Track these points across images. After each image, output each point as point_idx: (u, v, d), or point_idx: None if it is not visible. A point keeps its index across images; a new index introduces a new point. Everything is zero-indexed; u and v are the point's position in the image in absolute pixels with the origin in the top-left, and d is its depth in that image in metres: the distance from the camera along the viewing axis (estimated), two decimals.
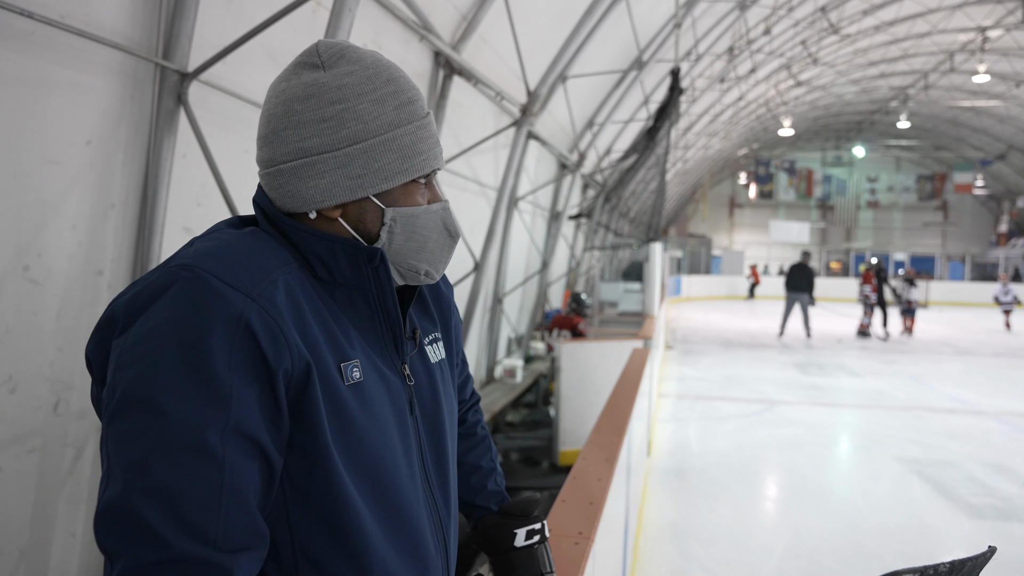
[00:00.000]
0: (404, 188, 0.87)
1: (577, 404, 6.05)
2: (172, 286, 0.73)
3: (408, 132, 0.86)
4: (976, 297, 24.30)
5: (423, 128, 0.88)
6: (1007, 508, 4.72)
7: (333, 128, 0.83)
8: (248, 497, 0.72)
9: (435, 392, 0.97)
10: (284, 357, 0.75)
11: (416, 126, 0.87)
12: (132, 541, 0.66)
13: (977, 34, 18.42)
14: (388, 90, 0.86)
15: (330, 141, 0.83)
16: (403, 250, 0.88)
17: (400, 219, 0.87)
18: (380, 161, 0.85)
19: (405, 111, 0.86)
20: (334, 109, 0.83)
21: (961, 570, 0.75)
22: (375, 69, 0.86)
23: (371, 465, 0.83)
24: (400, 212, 0.87)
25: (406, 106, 0.86)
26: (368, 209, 0.86)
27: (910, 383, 9.41)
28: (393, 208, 0.86)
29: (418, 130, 0.87)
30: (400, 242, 0.87)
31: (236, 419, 0.71)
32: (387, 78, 0.87)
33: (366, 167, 0.84)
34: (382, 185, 0.85)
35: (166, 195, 2.67)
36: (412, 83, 0.90)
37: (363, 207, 0.86)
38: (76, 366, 2.49)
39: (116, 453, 0.70)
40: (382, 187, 0.85)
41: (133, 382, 0.70)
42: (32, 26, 2.12)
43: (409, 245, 0.88)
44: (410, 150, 0.86)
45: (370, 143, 0.84)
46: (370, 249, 0.85)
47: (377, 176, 0.85)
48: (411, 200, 0.88)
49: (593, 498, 1.83)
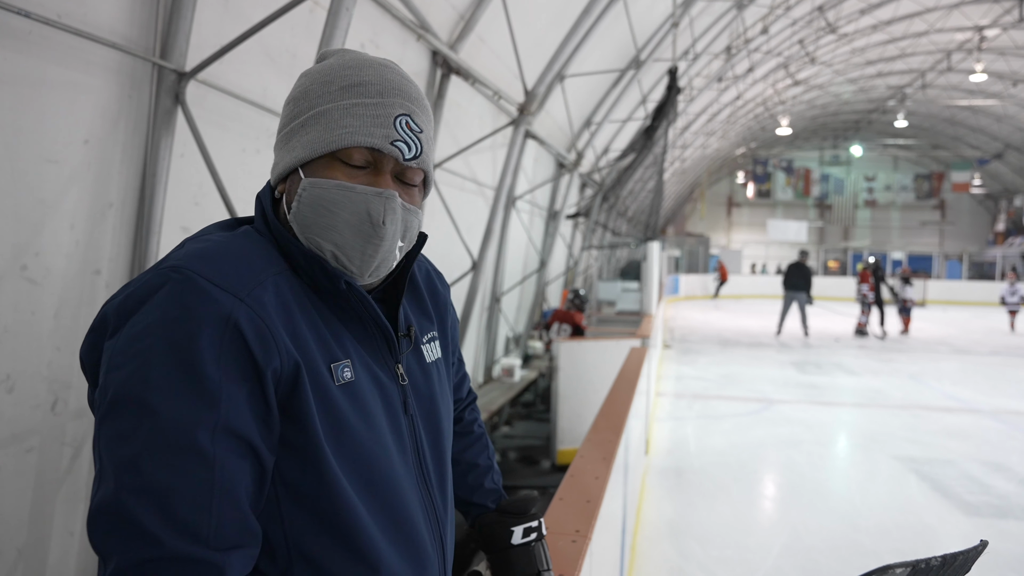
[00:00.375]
0: (328, 162, 0.83)
1: (575, 403, 6.06)
2: (162, 288, 0.74)
3: (341, 107, 0.83)
4: (974, 296, 24.36)
5: (362, 107, 0.83)
6: (1004, 506, 4.73)
7: (289, 108, 0.88)
8: (239, 495, 0.72)
9: (431, 391, 0.97)
10: (273, 357, 0.75)
11: (353, 103, 0.83)
12: (124, 540, 0.67)
13: (974, 33, 18.45)
14: (343, 73, 0.86)
15: (285, 121, 0.88)
16: (309, 224, 0.83)
17: (309, 188, 0.83)
18: (309, 134, 0.84)
19: (350, 91, 0.84)
20: (294, 92, 0.88)
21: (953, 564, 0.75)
22: (348, 60, 0.87)
23: (364, 463, 0.83)
24: (310, 181, 0.83)
25: (353, 87, 0.84)
26: (295, 181, 0.85)
27: (908, 382, 9.43)
28: (309, 178, 0.83)
29: (354, 107, 0.83)
30: (306, 213, 0.83)
31: (226, 418, 0.72)
32: (352, 65, 0.86)
33: (298, 140, 0.85)
34: (302, 155, 0.84)
35: (164, 194, 2.67)
36: (383, 75, 0.86)
37: (294, 180, 0.85)
38: (74, 365, 2.50)
39: (108, 453, 0.70)
40: (303, 156, 0.84)
41: (124, 383, 0.71)
42: (29, 25, 2.12)
43: (316, 220, 0.83)
44: (335, 123, 0.83)
45: (305, 117, 0.85)
46: (335, 272, 0.83)
47: (302, 147, 0.84)
48: (329, 175, 0.83)
49: (590, 496, 1.84)
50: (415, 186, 0.89)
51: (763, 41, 14.97)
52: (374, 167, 0.84)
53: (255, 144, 3.24)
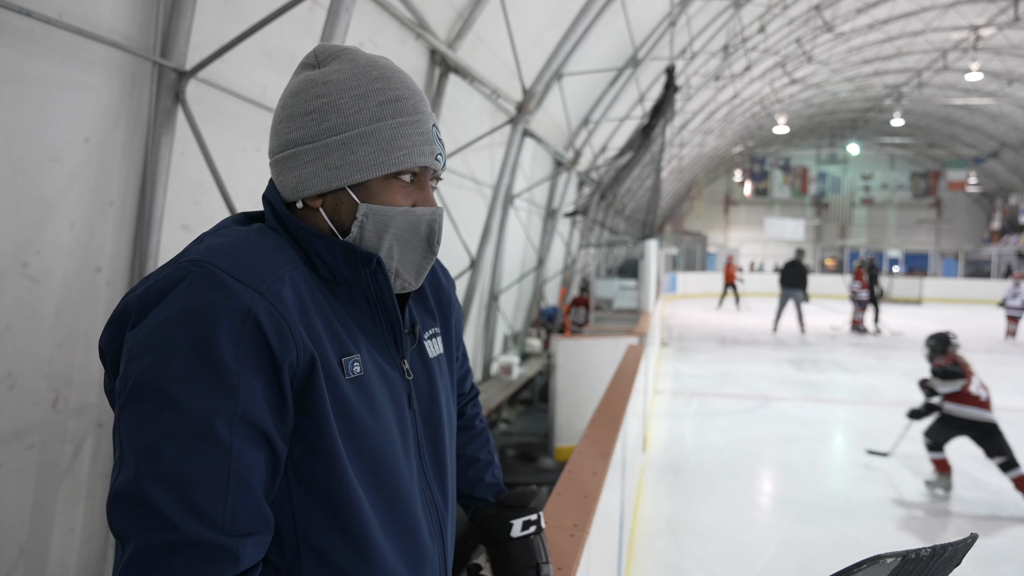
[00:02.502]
0: (383, 184, 0.86)
1: (573, 400, 6.08)
2: (183, 280, 0.76)
3: (389, 127, 0.86)
4: (969, 294, 24.41)
5: (408, 125, 0.87)
6: (998, 502, 4.77)
7: (315, 120, 0.86)
8: (254, 484, 0.74)
9: (433, 387, 0.98)
10: (290, 350, 0.77)
11: (400, 122, 0.86)
12: (143, 524, 0.69)
13: (970, 32, 18.49)
14: (373, 87, 0.87)
15: (311, 133, 0.86)
16: (373, 248, 0.87)
17: (372, 215, 0.86)
18: (356, 153, 0.85)
19: (390, 107, 0.86)
20: (318, 103, 0.86)
21: (942, 555, 0.77)
22: (365, 67, 0.88)
23: (370, 457, 0.85)
24: (373, 209, 0.86)
25: (392, 103, 0.86)
26: (344, 201, 0.87)
27: (903, 379, 9.46)
28: (367, 204, 0.86)
29: (401, 126, 0.86)
30: (371, 239, 0.87)
31: (244, 408, 0.74)
32: (376, 76, 0.88)
33: (343, 159, 0.86)
34: (356, 176, 0.85)
35: (164, 192, 2.68)
36: (408, 84, 0.89)
37: (339, 199, 0.87)
38: (75, 363, 2.51)
39: (128, 440, 0.72)
40: (356, 179, 0.85)
41: (145, 372, 0.73)
42: (31, 24, 2.13)
43: (378, 243, 0.87)
44: (388, 144, 0.85)
45: (348, 135, 0.85)
46: (366, 254, 0.86)
47: (352, 168, 0.85)
48: (389, 198, 0.87)
49: (588, 491, 1.85)
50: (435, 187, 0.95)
51: (760, 40, 14.98)
52: (418, 180, 0.90)
53: (255, 142, 3.25)
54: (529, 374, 7.99)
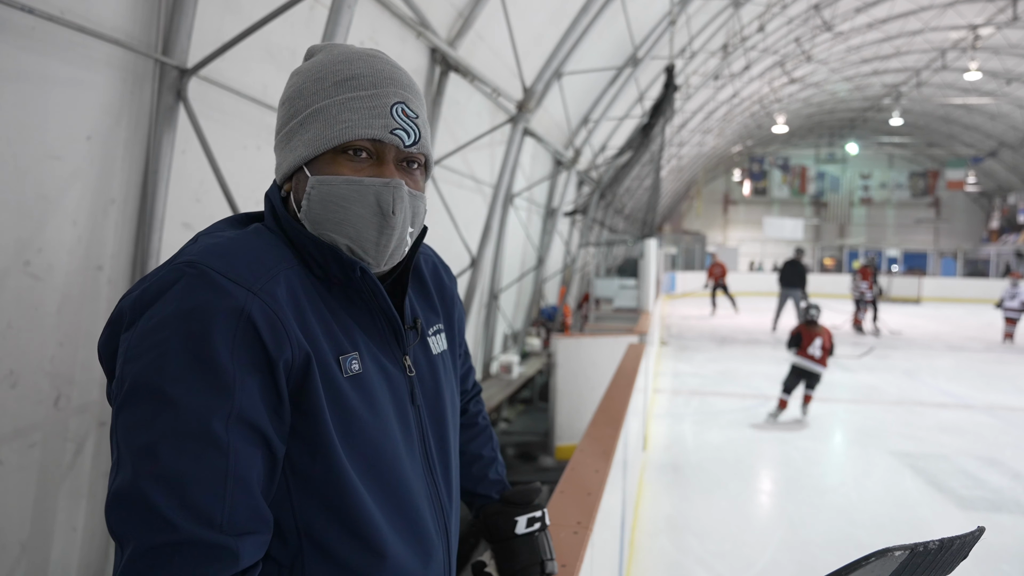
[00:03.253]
0: (331, 158, 0.85)
1: (573, 399, 6.08)
2: (177, 282, 0.76)
3: (338, 103, 0.85)
4: (968, 293, 24.44)
5: (358, 100, 0.85)
6: (997, 500, 4.78)
7: (285, 108, 0.89)
8: (252, 483, 0.74)
9: (437, 383, 0.99)
10: (284, 348, 0.77)
11: (349, 97, 0.85)
12: (141, 525, 0.69)
13: (969, 32, 18.51)
14: (334, 69, 0.87)
15: (283, 121, 0.90)
16: (321, 220, 0.85)
17: (317, 186, 0.85)
18: (308, 131, 0.86)
19: (343, 85, 0.86)
20: (288, 92, 0.90)
21: (950, 548, 0.77)
22: (336, 55, 0.89)
23: (371, 453, 0.85)
24: (318, 179, 0.85)
25: (346, 81, 0.86)
26: (301, 180, 0.87)
27: (902, 378, 9.47)
28: (315, 176, 0.85)
29: (349, 100, 0.85)
30: (317, 211, 0.85)
31: (240, 407, 0.74)
32: (342, 59, 0.88)
33: (300, 139, 0.87)
34: (304, 153, 0.86)
35: (166, 191, 2.68)
36: (373, 65, 0.88)
37: (299, 179, 0.88)
38: (76, 361, 2.51)
39: (125, 441, 0.72)
40: (304, 155, 0.86)
41: (141, 373, 0.73)
42: (33, 22, 2.13)
43: (327, 216, 0.85)
44: (334, 119, 0.85)
45: (303, 115, 0.87)
46: (350, 261, 0.85)
47: (303, 146, 0.86)
48: (335, 170, 0.85)
49: (591, 489, 1.85)
50: (417, 170, 0.91)
51: (759, 39, 14.99)
52: (377, 157, 0.86)
53: (256, 140, 3.25)
54: (529, 373, 7.99)
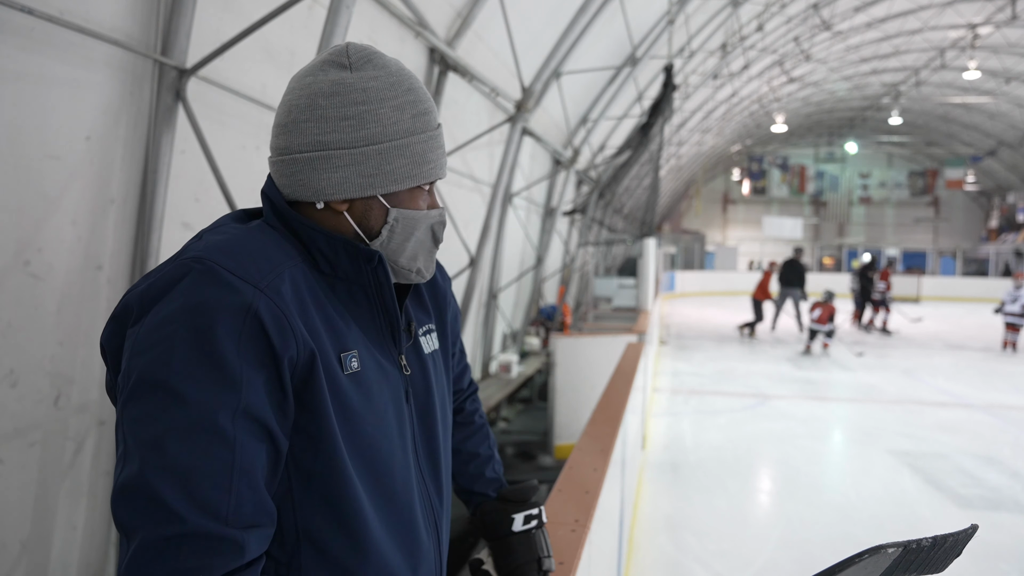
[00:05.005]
0: (410, 192, 0.92)
1: (572, 398, 6.08)
2: (184, 277, 0.77)
3: (421, 140, 0.90)
4: (967, 292, 24.47)
5: (434, 139, 0.92)
6: (996, 499, 4.79)
7: (353, 127, 0.87)
8: (257, 476, 0.75)
9: (427, 382, 1.00)
10: (290, 345, 0.78)
11: (428, 136, 0.91)
12: (148, 517, 0.69)
13: (967, 31, 18.51)
14: (408, 99, 0.90)
15: (349, 139, 0.87)
16: (399, 249, 0.92)
17: (402, 220, 0.91)
18: (392, 164, 0.89)
19: (421, 120, 0.91)
20: (356, 109, 0.87)
21: (943, 545, 0.78)
22: (398, 77, 0.90)
23: (368, 451, 0.86)
24: (403, 214, 0.91)
25: (422, 116, 0.91)
26: (374, 207, 0.90)
27: (901, 377, 9.49)
28: (397, 209, 0.91)
29: (430, 140, 0.92)
30: (398, 241, 0.92)
31: (246, 402, 0.74)
32: (408, 87, 0.91)
33: (379, 168, 0.88)
34: (391, 187, 0.90)
35: (165, 190, 2.68)
36: (428, 95, 0.94)
37: (369, 204, 0.90)
38: (76, 360, 2.51)
39: (132, 434, 0.73)
40: (391, 188, 0.90)
41: (148, 367, 0.73)
42: (32, 22, 2.13)
43: (405, 245, 0.92)
44: (421, 158, 0.90)
45: (386, 146, 0.88)
46: (368, 250, 0.88)
47: (388, 178, 0.89)
48: (414, 204, 0.92)
49: (589, 487, 1.86)
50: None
51: (758, 38, 15.00)
52: (431, 186, 0.96)
53: (255, 140, 3.25)
54: (528, 372, 8.00)
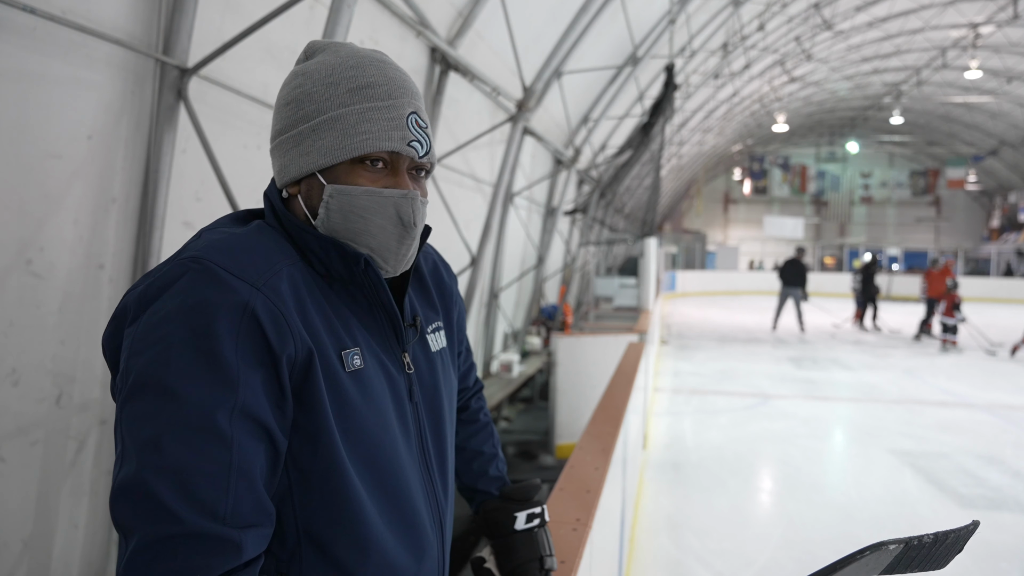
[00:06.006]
0: (349, 168, 0.86)
1: (573, 398, 6.08)
2: (182, 277, 0.77)
3: (355, 112, 0.86)
4: (968, 292, 24.38)
5: (376, 111, 0.86)
6: (997, 498, 4.78)
7: (292, 110, 0.89)
8: (255, 476, 0.75)
9: (435, 380, 0.99)
10: (288, 344, 0.78)
11: (366, 107, 0.86)
12: (146, 517, 0.69)
13: (969, 30, 18.49)
14: (346, 74, 0.87)
15: (289, 123, 0.89)
16: (341, 230, 0.87)
17: (336, 196, 0.86)
18: (324, 139, 0.86)
19: (359, 93, 0.86)
20: (295, 93, 0.89)
21: (945, 541, 0.78)
22: (345, 57, 0.89)
23: (370, 449, 0.86)
24: (337, 189, 0.86)
25: (361, 89, 0.87)
26: (314, 186, 0.88)
27: (903, 377, 9.48)
28: (333, 185, 0.86)
29: (368, 111, 0.86)
30: (337, 220, 0.87)
31: (243, 402, 0.74)
32: (352, 64, 0.88)
33: (313, 145, 0.87)
34: (321, 161, 0.86)
35: (166, 190, 2.69)
36: (385, 72, 0.89)
37: (311, 184, 0.88)
38: (78, 359, 2.51)
39: (130, 434, 0.73)
40: (322, 163, 0.86)
41: (145, 367, 0.73)
42: (34, 22, 2.14)
43: (347, 226, 0.87)
44: (352, 129, 0.85)
45: (317, 121, 0.87)
46: (355, 253, 0.87)
47: (319, 153, 0.86)
48: (354, 181, 0.86)
49: (590, 487, 1.86)
50: (423, 178, 0.93)
51: (760, 38, 15.00)
52: (392, 167, 0.88)
53: (256, 140, 3.26)
54: (529, 372, 8.00)
